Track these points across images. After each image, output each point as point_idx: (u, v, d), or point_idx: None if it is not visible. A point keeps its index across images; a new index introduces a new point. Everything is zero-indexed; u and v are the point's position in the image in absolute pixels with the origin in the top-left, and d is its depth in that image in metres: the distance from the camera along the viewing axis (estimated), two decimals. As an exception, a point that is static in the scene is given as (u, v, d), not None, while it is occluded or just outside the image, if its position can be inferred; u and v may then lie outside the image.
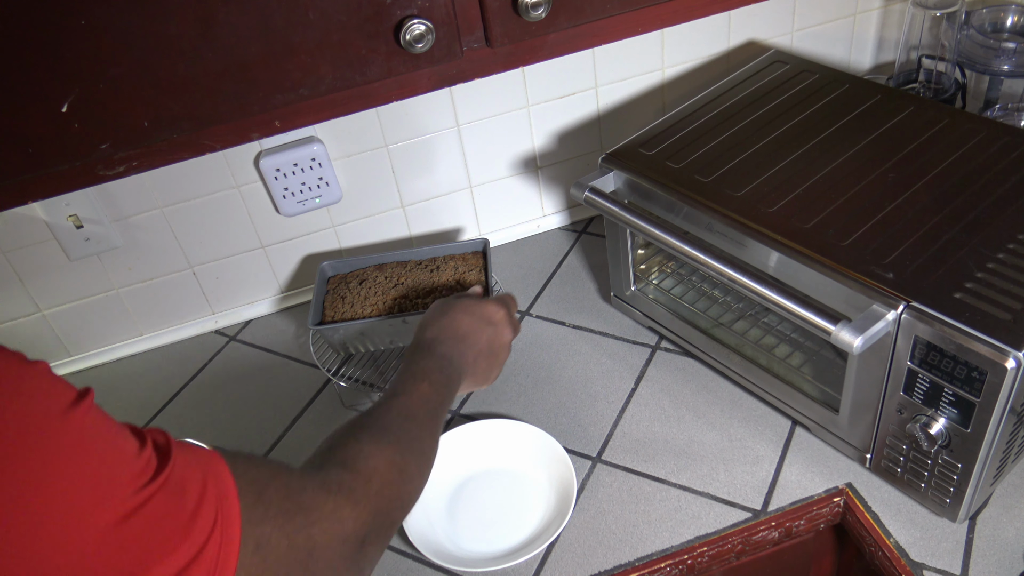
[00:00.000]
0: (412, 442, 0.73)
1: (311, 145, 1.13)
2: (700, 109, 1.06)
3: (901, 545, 0.87)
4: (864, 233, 0.84)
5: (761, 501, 0.93)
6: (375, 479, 0.66)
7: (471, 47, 0.80)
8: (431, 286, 1.09)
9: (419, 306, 1.07)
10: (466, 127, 1.20)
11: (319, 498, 0.60)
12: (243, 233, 1.20)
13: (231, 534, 0.50)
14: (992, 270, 0.78)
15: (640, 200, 0.99)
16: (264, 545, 0.54)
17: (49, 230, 1.11)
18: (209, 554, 0.48)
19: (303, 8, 0.72)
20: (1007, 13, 1.18)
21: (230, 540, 0.50)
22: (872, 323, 0.76)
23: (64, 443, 0.44)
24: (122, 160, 0.77)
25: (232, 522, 0.51)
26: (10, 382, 0.44)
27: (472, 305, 0.91)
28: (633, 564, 0.89)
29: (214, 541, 0.49)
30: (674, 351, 1.12)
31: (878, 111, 1.00)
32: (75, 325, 1.21)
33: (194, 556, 0.47)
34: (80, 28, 0.67)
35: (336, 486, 0.63)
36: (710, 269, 0.88)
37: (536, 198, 1.32)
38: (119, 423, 0.49)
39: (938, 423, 0.79)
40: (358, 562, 0.62)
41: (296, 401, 1.14)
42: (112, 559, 0.44)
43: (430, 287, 1.09)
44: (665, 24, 0.88)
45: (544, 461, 0.99)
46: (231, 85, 0.74)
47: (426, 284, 1.10)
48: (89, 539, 0.43)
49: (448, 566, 0.90)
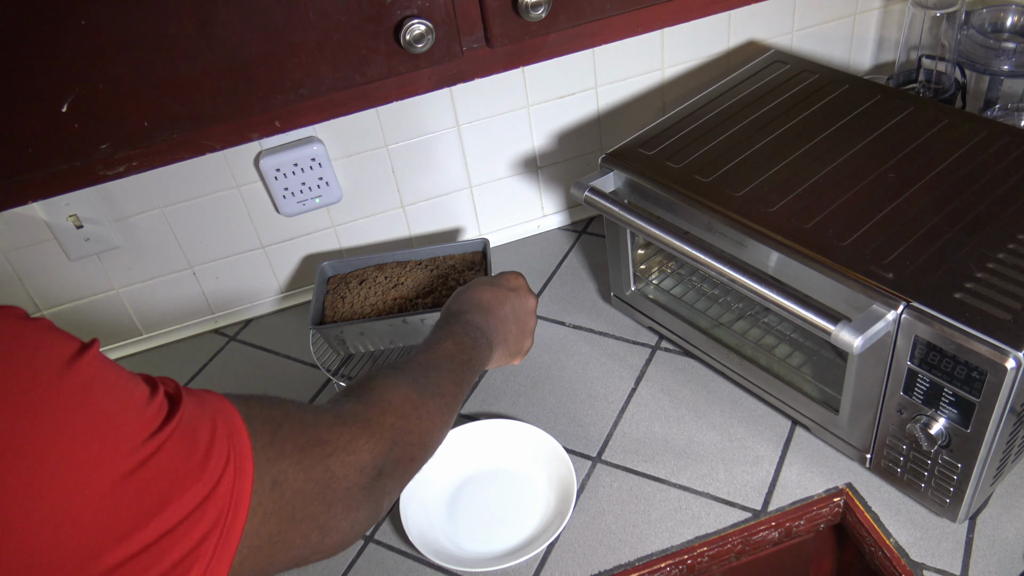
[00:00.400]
0: (430, 386, 0.73)
1: (311, 145, 1.13)
2: (700, 109, 1.06)
3: (901, 545, 0.87)
4: (864, 233, 0.84)
5: (761, 501, 0.93)
6: (389, 411, 0.67)
7: (471, 47, 0.80)
8: (431, 286, 1.09)
9: (419, 306, 1.07)
10: (466, 127, 1.20)
11: (335, 430, 0.61)
12: (243, 233, 1.20)
13: (244, 468, 0.51)
14: (992, 270, 0.78)
15: (640, 200, 0.99)
16: (282, 482, 0.54)
17: (49, 230, 1.11)
18: (223, 489, 0.49)
19: (303, 8, 0.72)
20: (1007, 13, 1.18)
21: (243, 474, 0.51)
22: (872, 323, 0.76)
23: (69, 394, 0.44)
24: (122, 160, 0.77)
25: (244, 457, 0.51)
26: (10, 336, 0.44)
27: (490, 278, 0.93)
28: (633, 564, 0.89)
29: (227, 476, 0.50)
30: (674, 351, 1.12)
31: (878, 111, 1.00)
32: (75, 325, 1.21)
33: (209, 492, 0.48)
34: (80, 28, 0.67)
35: (351, 417, 0.63)
36: (710, 269, 0.88)
37: (536, 198, 1.32)
38: (129, 372, 0.49)
39: (938, 423, 0.79)
40: (375, 492, 0.63)
41: (296, 401, 1.14)
42: (126, 505, 0.44)
43: (430, 287, 1.09)
44: (665, 24, 0.88)
45: (544, 461, 0.99)
46: (231, 85, 0.74)
47: (426, 284, 1.10)
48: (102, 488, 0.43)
49: (448, 566, 0.90)
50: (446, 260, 1.13)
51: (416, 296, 1.08)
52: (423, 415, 0.70)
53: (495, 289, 0.90)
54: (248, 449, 0.52)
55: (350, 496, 0.60)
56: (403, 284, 1.10)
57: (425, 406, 0.71)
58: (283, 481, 0.54)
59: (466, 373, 0.79)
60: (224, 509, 0.49)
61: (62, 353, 0.45)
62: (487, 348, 0.84)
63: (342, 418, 0.63)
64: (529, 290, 0.94)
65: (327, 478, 0.58)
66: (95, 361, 0.46)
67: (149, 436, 0.46)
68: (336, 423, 0.62)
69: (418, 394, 0.71)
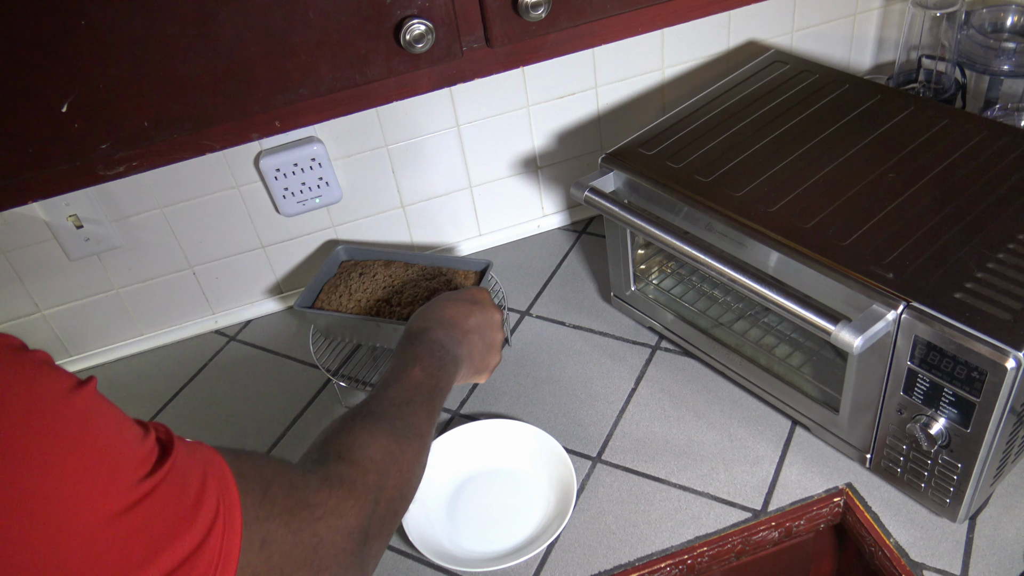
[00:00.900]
0: (407, 428, 0.73)
1: (311, 145, 1.13)
2: (700, 109, 1.06)
3: (901, 545, 0.87)
4: (864, 233, 0.84)
5: (761, 501, 0.93)
6: (372, 469, 0.66)
7: (471, 47, 0.80)
8: (415, 296, 1.08)
9: (395, 314, 1.06)
10: (466, 127, 1.20)
11: (322, 493, 0.60)
12: (243, 233, 1.20)
13: (233, 524, 0.50)
14: (992, 270, 0.78)
15: (640, 200, 0.99)
16: (270, 542, 0.54)
17: (49, 230, 1.11)
18: (213, 542, 0.48)
19: (303, 8, 0.72)
20: (1007, 13, 1.18)
21: (232, 530, 0.50)
22: (872, 323, 0.76)
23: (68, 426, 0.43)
24: (122, 160, 0.77)
25: (233, 512, 0.51)
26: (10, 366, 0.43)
27: (453, 293, 0.92)
28: (633, 564, 0.89)
29: (217, 530, 0.49)
30: (674, 351, 1.12)
31: (878, 111, 1.00)
32: (75, 325, 1.21)
33: (198, 544, 0.47)
34: (80, 28, 0.67)
35: (337, 480, 0.63)
36: (710, 269, 0.88)
37: (536, 198, 1.32)
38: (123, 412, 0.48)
39: (938, 423, 0.79)
40: (361, 556, 0.62)
41: (296, 401, 1.14)
42: (117, 548, 0.44)
43: (413, 297, 1.08)
44: (665, 24, 0.88)
45: (544, 461, 0.99)
46: (231, 85, 0.74)
47: (411, 293, 1.08)
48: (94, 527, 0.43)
49: (448, 566, 0.90)
50: (444, 272, 1.12)
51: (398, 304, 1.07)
52: (404, 466, 0.69)
53: (458, 303, 0.89)
54: (237, 505, 0.51)
55: (338, 563, 0.60)
56: (393, 287, 1.09)
57: (405, 456, 0.70)
58: (272, 542, 0.54)
59: (436, 400, 0.79)
60: (213, 563, 0.48)
61: (60, 385, 0.45)
62: (453, 366, 0.83)
63: (329, 480, 0.62)
64: (494, 304, 0.92)
65: (315, 543, 0.57)
66: (93, 396, 0.46)
67: (143, 477, 0.46)
68: (324, 486, 0.61)
69: (398, 444, 0.70)
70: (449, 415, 1.08)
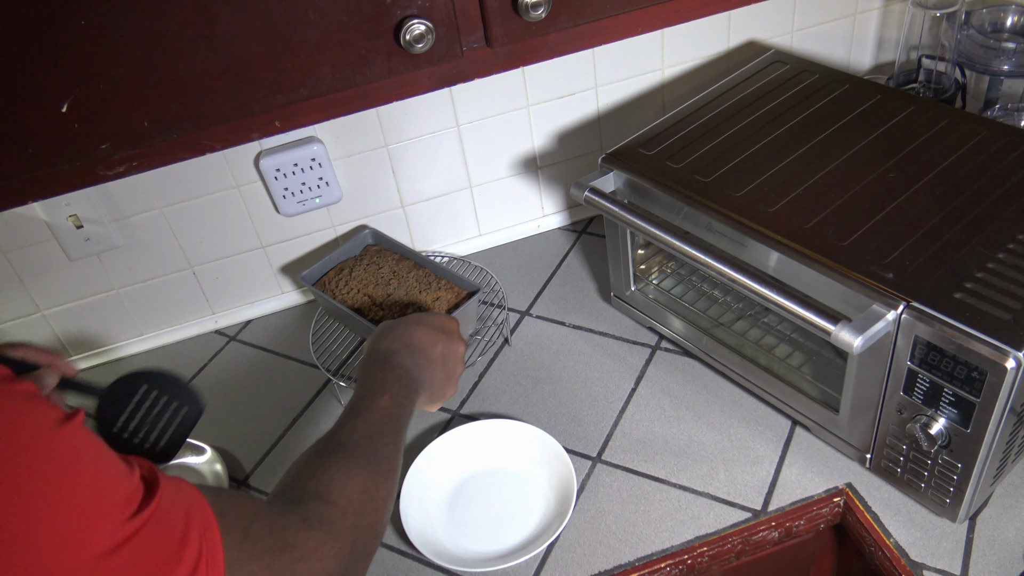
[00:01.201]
0: (381, 463, 0.72)
1: (311, 145, 1.13)
2: (700, 109, 1.06)
3: (901, 545, 0.87)
4: (864, 233, 0.84)
5: (761, 501, 0.93)
6: (350, 510, 0.66)
7: (471, 47, 0.80)
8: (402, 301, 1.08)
9: (376, 315, 1.06)
10: (466, 127, 1.20)
11: (301, 534, 0.60)
12: (243, 233, 1.20)
13: (216, 564, 0.51)
14: (992, 270, 0.78)
15: (640, 200, 0.99)
16: None
17: (49, 230, 1.11)
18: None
19: (303, 8, 0.72)
20: (1007, 13, 1.18)
21: (216, 570, 0.50)
22: (872, 323, 0.76)
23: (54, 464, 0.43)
24: (122, 160, 0.77)
25: (216, 553, 0.51)
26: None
27: (424, 316, 0.90)
28: (633, 564, 0.89)
29: (201, 571, 0.49)
30: (674, 351, 1.12)
31: (878, 111, 1.00)
32: (75, 325, 1.21)
33: None
34: (80, 28, 0.67)
35: (317, 521, 0.63)
36: (710, 269, 0.88)
37: (536, 198, 1.32)
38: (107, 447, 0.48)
39: (938, 423, 0.79)
40: None
41: (296, 401, 1.14)
42: None
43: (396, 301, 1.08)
44: (665, 24, 0.88)
45: (544, 461, 0.99)
46: (231, 85, 0.74)
47: (401, 298, 1.08)
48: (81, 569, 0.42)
49: (448, 566, 0.90)
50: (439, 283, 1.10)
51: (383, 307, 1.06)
52: (379, 504, 0.69)
53: (427, 330, 0.87)
54: (219, 544, 0.51)
55: None
56: (390, 286, 1.09)
57: (379, 493, 0.70)
58: None
59: (403, 430, 0.78)
60: None
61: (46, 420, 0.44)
62: (415, 395, 0.82)
63: (308, 522, 0.62)
64: (460, 336, 0.91)
65: None
66: (79, 431, 0.45)
67: (130, 516, 0.45)
68: (303, 527, 0.61)
69: (372, 482, 0.70)
70: (449, 415, 1.08)
